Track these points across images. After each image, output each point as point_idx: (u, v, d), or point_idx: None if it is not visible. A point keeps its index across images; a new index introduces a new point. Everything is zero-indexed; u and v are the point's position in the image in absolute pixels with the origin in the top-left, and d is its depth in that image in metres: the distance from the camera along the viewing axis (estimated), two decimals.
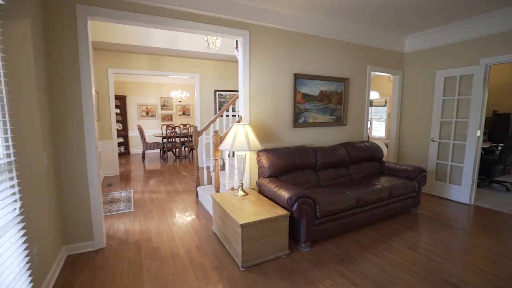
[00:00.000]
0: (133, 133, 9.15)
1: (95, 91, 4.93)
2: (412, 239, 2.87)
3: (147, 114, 9.45)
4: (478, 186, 4.92)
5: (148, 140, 9.19)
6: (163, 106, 9.74)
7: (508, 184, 4.91)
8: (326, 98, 3.89)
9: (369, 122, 13.11)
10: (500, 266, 2.38)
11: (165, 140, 7.91)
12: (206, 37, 4.53)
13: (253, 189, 3.29)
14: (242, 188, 2.99)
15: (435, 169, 4.34)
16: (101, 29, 4.71)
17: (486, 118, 5.96)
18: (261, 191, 3.07)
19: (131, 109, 9.11)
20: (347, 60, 4.08)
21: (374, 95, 12.32)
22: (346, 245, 2.73)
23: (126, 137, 8.76)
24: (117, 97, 8.41)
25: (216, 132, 3.31)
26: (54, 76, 2.36)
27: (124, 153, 8.68)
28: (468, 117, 3.89)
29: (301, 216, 2.54)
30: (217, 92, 6.86)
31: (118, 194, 4.38)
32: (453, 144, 4.11)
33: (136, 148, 9.23)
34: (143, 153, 7.55)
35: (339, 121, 4.08)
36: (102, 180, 5.30)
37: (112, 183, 5.04)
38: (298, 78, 3.59)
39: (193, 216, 3.48)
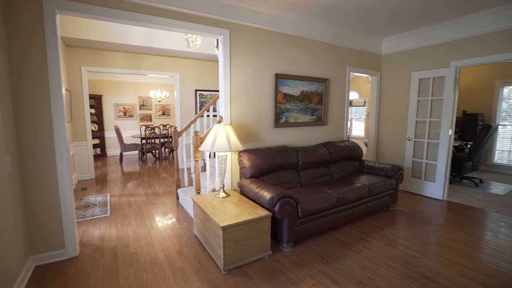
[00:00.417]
0: (109, 134, 8.80)
1: (67, 89, 4.68)
2: (390, 235, 2.95)
3: (125, 114, 9.12)
4: (450, 182, 5.17)
5: (126, 141, 8.87)
6: (142, 106, 9.45)
7: (476, 180, 5.20)
8: (307, 98, 3.92)
9: (349, 122, 13.47)
10: (470, 258, 2.50)
11: (144, 141, 7.67)
12: (185, 36, 4.43)
13: (235, 190, 3.25)
14: (223, 189, 2.94)
15: (411, 167, 4.50)
16: (73, 25, 4.47)
17: (456, 117, 6.29)
18: (242, 192, 3.03)
19: (108, 109, 8.75)
20: (327, 60, 4.14)
21: (353, 95, 12.67)
22: (327, 244, 2.76)
23: (102, 138, 8.40)
24: (92, 97, 8.05)
25: (196, 132, 3.24)
26: (19, 74, 2.19)
27: (100, 155, 8.32)
28: (441, 117, 4.08)
29: (283, 217, 2.53)
30: (198, 92, 6.75)
31: (94, 198, 4.17)
32: (428, 142, 4.28)
33: (113, 149, 8.88)
34: (121, 154, 7.27)
35: (320, 121, 4.13)
36: (75, 184, 5.04)
37: (87, 187, 4.80)
38: (279, 78, 3.59)
39: (174, 219, 3.38)
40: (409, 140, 4.48)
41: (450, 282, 2.13)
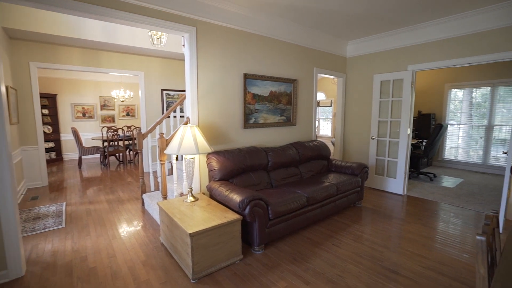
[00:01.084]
0: (66, 137, 8.10)
1: (11, 87, 4.18)
2: (357, 231, 3.06)
3: (84, 115, 8.47)
4: (409, 178, 5.54)
5: (85, 144, 8.23)
6: (104, 106, 8.84)
7: (431, 175, 5.63)
8: (276, 98, 3.93)
9: (316, 122, 13.88)
10: (428, 248, 2.67)
11: (106, 143, 7.17)
12: (149, 32, 4.20)
13: (204, 194, 3.14)
14: (191, 193, 2.82)
15: (375, 165, 4.74)
16: (20, 15, 4.02)
17: (413, 117, 6.76)
18: (212, 195, 2.94)
19: (64, 109, 8.05)
20: (295, 61, 4.19)
21: (320, 96, 13.07)
22: (298, 244, 2.77)
23: (58, 141, 7.70)
24: (44, 96, 7.35)
25: (161, 134, 3.07)
26: None
27: (56, 159, 7.63)
28: (400, 117, 4.34)
29: (253, 219, 2.49)
30: (164, 92, 6.47)
31: (46, 208, 3.78)
32: (389, 141, 4.53)
33: (71, 153, 8.19)
34: (80, 159, 6.72)
35: (289, 121, 4.17)
36: (24, 193, 4.53)
37: (38, 196, 4.35)
38: (248, 78, 3.55)
39: (138, 227, 3.18)
40: (372, 139, 4.71)
41: (412, 274, 2.25)
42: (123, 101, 7.96)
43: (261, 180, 3.31)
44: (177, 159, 4.94)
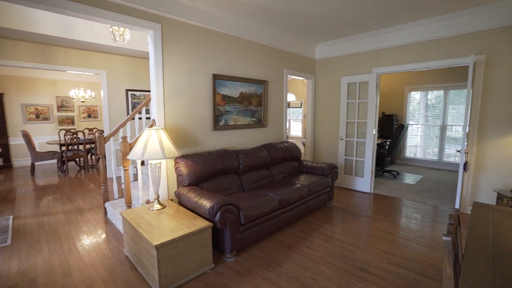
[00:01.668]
0: (16, 141, 7.32)
1: None
2: (328, 231, 3.10)
3: (38, 116, 7.72)
4: (375, 176, 5.80)
5: (40, 149, 7.51)
6: (61, 107, 8.15)
7: (394, 173, 5.94)
8: (246, 100, 3.87)
9: (287, 123, 14.09)
10: (394, 245, 2.78)
11: (64, 148, 6.59)
12: (110, 28, 3.91)
13: (172, 201, 2.98)
14: (158, 200, 2.66)
15: (344, 165, 4.88)
16: None
17: (378, 118, 7.11)
18: (181, 202, 2.79)
19: (13, 110, 7.26)
20: (266, 62, 4.16)
21: (291, 97, 13.28)
22: (271, 248, 2.73)
23: (5, 146, 6.92)
24: None
25: (124, 138, 2.86)
26: None
27: (4, 166, 6.85)
28: (366, 118, 4.51)
29: (224, 226, 2.40)
30: (129, 92, 6.12)
31: None
32: (356, 141, 4.69)
33: (22, 159, 7.41)
34: (32, 165, 6.10)
35: (259, 122, 4.13)
36: None
37: None
38: (217, 79, 3.45)
39: (100, 239, 2.92)
40: (341, 139, 4.85)
41: (380, 271, 2.31)
42: (83, 101, 7.39)
43: (232, 183, 3.23)
44: (143, 163, 4.68)
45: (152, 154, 2.42)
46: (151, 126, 2.95)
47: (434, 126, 6.80)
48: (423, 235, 3.01)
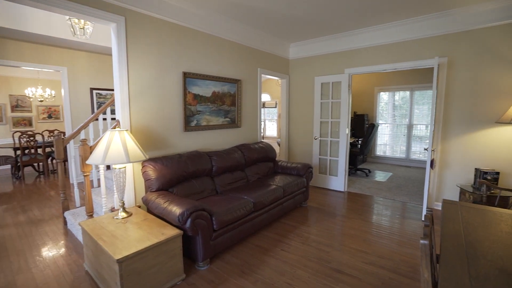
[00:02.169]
0: None
1: None
2: (304, 233, 3.07)
3: None
4: (348, 174, 5.92)
5: None
6: (16, 107, 7.42)
7: (366, 171, 6.12)
8: (219, 99, 3.74)
9: (262, 123, 14.08)
10: (368, 243, 2.81)
11: (19, 152, 5.99)
12: (69, 20, 3.58)
13: (140, 207, 2.77)
14: (123, 208, 2.45)
15: (318, 164, 4.91)
16: None
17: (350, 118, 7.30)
18: (149, 208, 2.60)
19: None
20: (239, 61, 4.06)
21: (265, 97, 13.29)
22: (246, 253, 2.63)
23: None
24: None
25: (83, 141, 2.60)
26: None
27: None
28: (339, 118, 4.57)
29: (196, 233, 2.26)
30: (95, 91, 5.71)
31: None
32: (330, 141, 4.75)
33: None
34: None
35: (233, 123, 4.01)
36: None
37: None
38: (188, 77, 3.28)
39: (58, 254, 2.64)
40: (315, 139, 4.88)
41: (356, 271, 2.31)
42: (41, 101, 6.78)
43: (205, 187, 3.08)
44: (109, 168, 4.36)
45: (115, 158, 2.22)
46: (115, 127, 2.72)
47: (401, 125, 7.12)
48: (394, 232, 3.08)
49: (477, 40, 3.36)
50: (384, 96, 7.33)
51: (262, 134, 13.69)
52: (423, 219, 3.41)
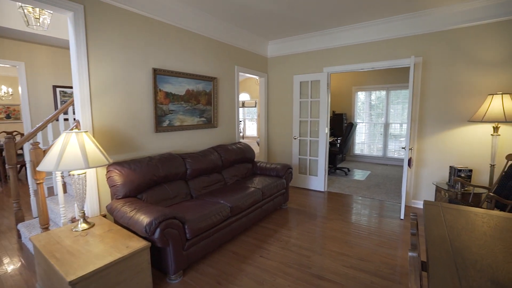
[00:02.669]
0: None
1: None
2: (284, 236, 2.95)
3: None
4: (328, 174, 5.91)
5: None
6: None
7: (345, 170, 6.14)
8: (193, 98, 3.53)
9: (242, 122, 13.92)
10: (349, 245, 2.74)
11: None
12: (21, 8, 3.21)
13: (106, 217, 2.51)
14: (84, 218, 2.19)
15: (298, 164, 4.83)
16: None
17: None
18: (114, 218, 2.35)
19: None
20: (215, 58, 3.87)
21: (245, 96, 13.15)
22: (223, 262, 2.46)
23: None
24: None
25: (35, 144, 2.30)
26: None
27: None
28: (319, 117, 4.52)
29: (166, 244, 2.06)
30: (58, 89, 5.25)
31: None
32: (310, 140, 4.68)
33: None
34: None
35: (209, 123, 3.82)
36: None
37: None
38: (159, 74, 3.05)
39: (7, 273, 2.32)
40: (295, 139, 4.79)
41: (337, 276, 2.22)
42: None
43: (179, 191, 2.87)
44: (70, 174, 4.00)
45: (71, 164, 1.96)
46: (73, 129, 2.44)
47: (378, 124, 7.25)
48: (374, 232, 3.05)
49: (451, 40, 3.42)
50: (361, 96, 7.44)
51: (242, 134, 13.55)
52: (401, 217, 3.42)
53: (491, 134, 3.10)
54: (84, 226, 2.16)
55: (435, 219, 1.47)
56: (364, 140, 7.54)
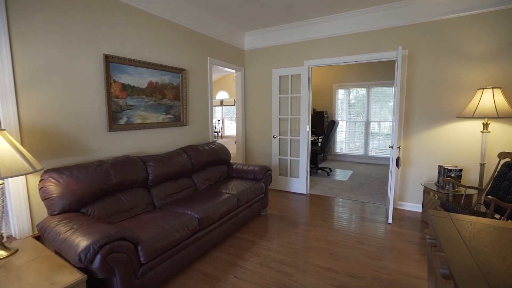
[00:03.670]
0: None
1: None
2: (263, 249, 2.57)
3: None
4: (310, 174, 5.63)
5: None
6: None
7: (327, 170, 5.89)
8: (158, 92, 3.06)
9: (220, 122, 13.41)
10: (335, 257, 2.42)
11: None
12: None
13: (37, 239, 2.00)
14: (2, 243, 1.68)
15: (278, 165, 4.49)
16: None
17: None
18: (46, 240, 1.85)
19: None
20: (185, 48, 3.42)
21: (224, 95, 12.69)
22: (189, 287, 2.04)
23: None
24: None
25: None
26: None
27: None
28: (300, 114, 4.20)
29: (111, 273, 1.61)
30: None
31: None
32: (290, 139, 4.35)
33: None
34: None
35: (178, 120, 3.36)
36: None
37: None
38: (113, 62, 2.56)
39: None
40: (274, 138, 4.44)
41: None
42: None
43: (138, 201, 2.41)
44: None
45: None
46: None
47: (359, 122, 7.10)
48: (362, 240, 2.76)
49: (438, 32, 3.22)
50: (342, 93, 7.26)
51: (221, 134, 13.05)
52: (389, 221, 3.17)
53: (481, 131, 2.91)
54: (2, 254, 1.65)
55: (450, 238, 1.15)
56: (346, 139, 7.37)
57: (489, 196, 2.13)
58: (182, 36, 3.38)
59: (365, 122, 6.96)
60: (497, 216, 2.60)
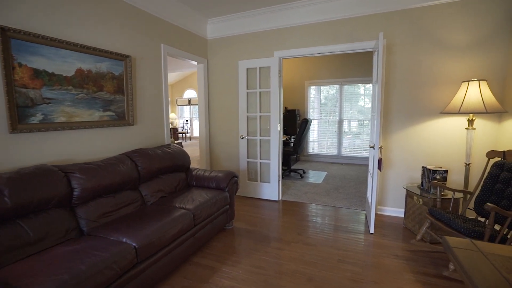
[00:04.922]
0: None
1: None
2: (226, 279, 2.06)
3: None
4: (282, 177, 5.22)
5: None
6: None
7: (300, 171, 5.52)
8: (92, 82, 2.41)
9: (189, 122, 12.62)
10: (315, 284, 1.98)
11: None
12: None
13: None
14: None
15: (247, 169, 3.99)
16: None
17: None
18: None
19: None
20: (131, 30, 2.79)
21: (192, 93, 11.99)
22: None
23: None
24: None
25: None
26: None
27: None
28: (270, 111, 3.74)
29: None
30: None
31: None
32: (260, 140, 3.88)
33: None
34: None
35: (121, 119, 2.72)
36: None
37: None
38: (17, 38, 1.88)
39: None
40: (242, 138, 3.94)
41: None
42: None
43: (50, 229, 1.76)
44: None
45: None
46: None
47: (332, 120, 6.87)
48: (344, 257, 2.36)
49: (416, 20, 2.94)
50: (314, 91, 6.97)
51: (189, 135, 12.25)
52: (371, 231, 2.82)
53: (466, 128, 2.67)
54: None
55: (488, 278, 0.72)
56: (318, 138, 7.09)
57: (489, 204, 1.81)
58: (128, 16, 2.75)
59: (338, 121, 6.74)
60: (496, 227, 2.35)
